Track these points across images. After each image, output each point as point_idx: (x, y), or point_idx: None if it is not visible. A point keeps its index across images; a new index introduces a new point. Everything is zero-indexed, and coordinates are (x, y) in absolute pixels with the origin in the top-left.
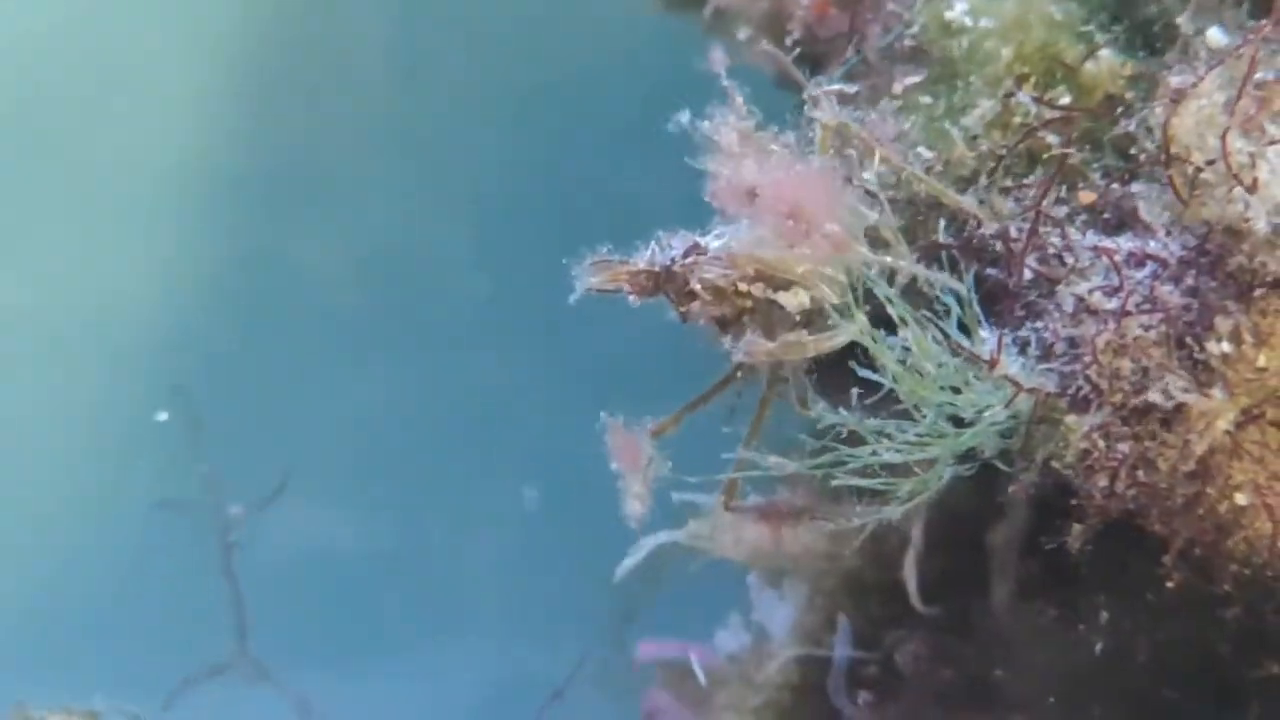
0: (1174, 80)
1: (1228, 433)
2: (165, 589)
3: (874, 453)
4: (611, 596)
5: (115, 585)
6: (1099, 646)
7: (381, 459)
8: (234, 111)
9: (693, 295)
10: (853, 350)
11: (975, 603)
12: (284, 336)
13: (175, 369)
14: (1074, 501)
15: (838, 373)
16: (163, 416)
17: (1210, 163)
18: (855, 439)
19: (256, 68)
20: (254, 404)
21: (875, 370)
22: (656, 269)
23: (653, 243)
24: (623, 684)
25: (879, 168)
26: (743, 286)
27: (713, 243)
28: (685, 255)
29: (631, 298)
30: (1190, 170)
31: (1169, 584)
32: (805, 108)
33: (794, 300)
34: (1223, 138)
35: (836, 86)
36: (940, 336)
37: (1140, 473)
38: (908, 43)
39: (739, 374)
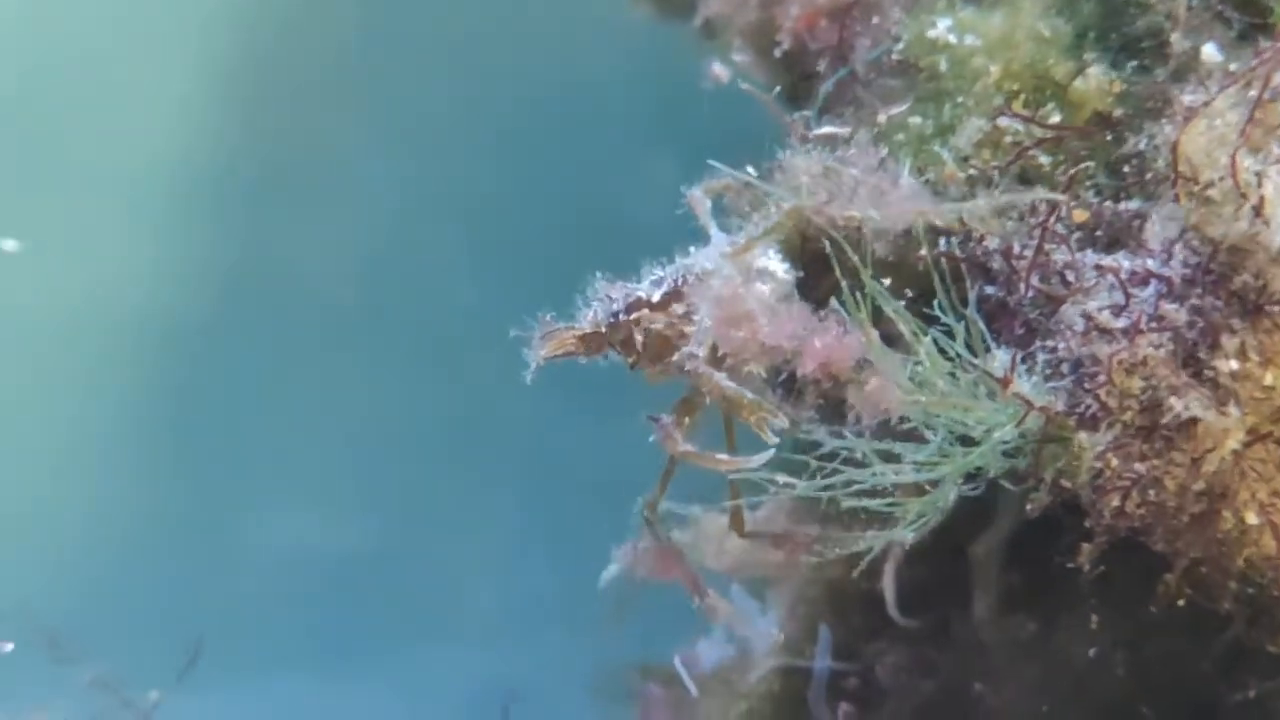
0: (1186, 99)
1: (1235, 451)
2: (153, 587)
3: (882, 473)
4: (596, 602)
5: (105, 582)
6: (1079, 660)
7: (367, 462)
8: (226, 115)
9: (638, 350)
10: None
11: (956, 614)
12: (272, 339)
13: (163, 370)
14: (1084, 520)
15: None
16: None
17: (1220, 179)
18: (856, 459)
19: (250, 71)
20: (241, 405)
21: None
22: (602, 329)
23: (594, 301)
24: (605, 689)
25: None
26: (687, 329)
27: (653, 292)
28: (628, 310)
29: (582, 359)
30: (1197, 189)
31: (1178, 602)
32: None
33: None
34: (1232, 157)
35: (826, 129)
36: (951, 355)
37: (1150, 491)
38: (895, 58)
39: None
